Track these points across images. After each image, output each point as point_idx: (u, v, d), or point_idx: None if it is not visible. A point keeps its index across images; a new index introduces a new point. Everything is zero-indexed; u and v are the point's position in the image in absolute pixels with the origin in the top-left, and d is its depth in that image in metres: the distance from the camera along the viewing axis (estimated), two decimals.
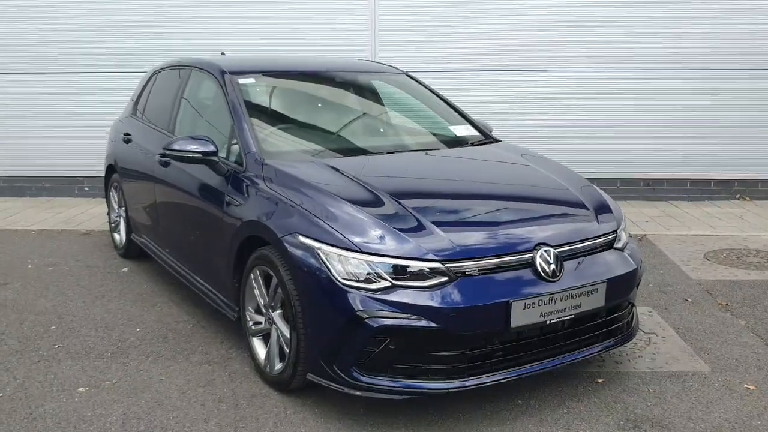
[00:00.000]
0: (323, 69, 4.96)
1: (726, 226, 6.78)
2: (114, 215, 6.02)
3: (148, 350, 4.03)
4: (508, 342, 3.16)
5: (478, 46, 7.78)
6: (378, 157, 4.09)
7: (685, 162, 7.90)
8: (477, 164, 4.23)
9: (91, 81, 8.14)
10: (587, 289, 3.25)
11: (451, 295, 3.00)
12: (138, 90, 5.83)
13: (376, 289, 3.03)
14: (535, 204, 3.74)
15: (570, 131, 7.84)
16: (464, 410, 3.33)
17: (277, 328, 3.48)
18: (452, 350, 3.06)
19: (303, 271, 3.19)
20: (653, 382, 3.61)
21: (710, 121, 7.83)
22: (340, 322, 3.07)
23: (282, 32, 7.88)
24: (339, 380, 3.13)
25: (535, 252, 3.21)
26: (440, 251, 3.08)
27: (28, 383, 3.63)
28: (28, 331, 4.32)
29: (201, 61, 4.80)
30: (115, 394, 3.52)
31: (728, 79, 7.75)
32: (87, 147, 8.16)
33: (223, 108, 4.25)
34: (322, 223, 3.22)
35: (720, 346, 4.04)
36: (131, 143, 5.39)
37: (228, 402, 3.43)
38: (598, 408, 3.36)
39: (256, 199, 3.62)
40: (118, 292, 5.02)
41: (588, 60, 7.76)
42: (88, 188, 8.36)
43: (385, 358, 3.05)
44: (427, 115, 4.81)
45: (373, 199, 3.39)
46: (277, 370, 3.47)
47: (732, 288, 5.03)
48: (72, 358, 3.93)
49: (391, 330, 3.00)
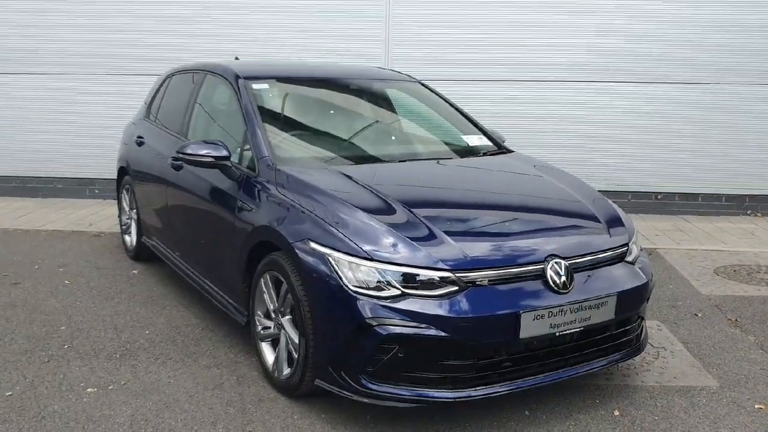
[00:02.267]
0: (337, 75, 4.98)
1: (737, 242, 6.76)
2: (125, 217, 6.05)
3: (157, 352, 4.04)
4: (516, 353, 3.15)
5: (490, 56, 7.81)
6: (390, 166, 4.09)
7: (696, 177, 7.89)
8: (489, 174, 4.24)
9: (105, 83, 8.22)
10: (597, 302, 3.24)
11: (460, 304, 3.00)
12: (152, 93, 5.87)
13: (386, 297, 3.03)
14: (547, 215, 3.74)
15: (581, 142, 7.87)
16: (471, 419, 3.33)
17: (286, 334, 3.49)
18: (461, 359, 3.06)
19: (313, 278, 3.20)
20: (661, 397, 3.59)
21: (723, 136, 7.82)
22: (349, 329, 3.07)
23: (296, 44, 7.94)
24: (347, 387, 3.13)
25: (545, 263, 3.21)
26: (451, 260, 3.09)
27: (38, 382, 3.65)
28: (37, 330, 4.35)
29: (215, 66, 4.82)
30: (123, 395, 3.53)
31: (743, 94, 7.74)
32: (99, 148, 8.25)
33: (237, 113, 4.27)
34: (333, 230, 3.23)
35: (729, 362, 4.03)
36: (144, 146, 5.43)
37: (236, 406, 3.44)
38: (605, 421, 3.35)
39: (268, 204, 3.64)
40: (127, 294, 5.05)
41: (601, 72, 7.77)
42: (99, 190, 8.42)
43: (394, 366, 3.06)
44: (440, 124, 4.82)
45: (385, 207, 3.40)
46: (286, 375, 3.48)
47: (742, 304, 5.01)
48: (81, 358, 3.95)
49: (400, 338, 3.00)
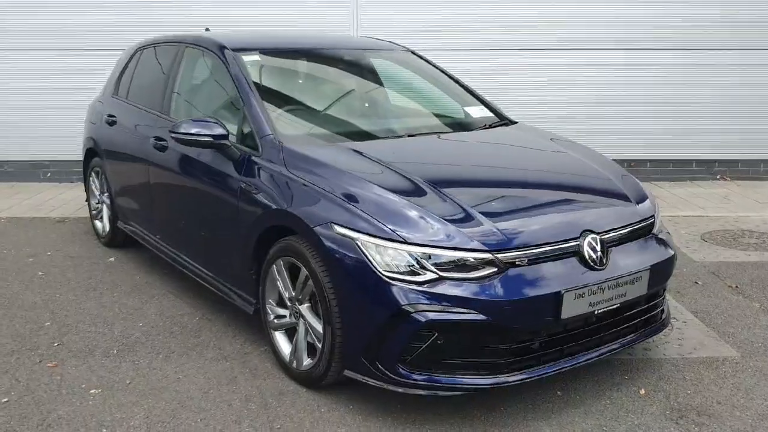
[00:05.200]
0: (325, 46, 4.72)
1: (715, 207, 6.81)
2: (95, 202, 5.68)
3: (157, 346, 3.79)
4: (556, 334, 3.04)
5: (467, 25, 7.63)
6: (400, 141, 3.87)
7: (667, 143, 7.92)
8: (508, 149, 4.06)
9: (55, 60, 7.69)
10: (632, 277, 3.15)
11: (502, 286, 2.86)
12: (119, 69, 5.48)
13: (422, 282, 2.86)
14: (575, 190, 3.62)
15: (549, 111, 7.69)
16: (505, 403, 3.21)
17: (305, 322, 3.29)
18: (500, 344, 2.92)
19: (339, 264, 3.00)
20: (687, 369, 3.55)
21: (690, 101, 7.85)
22: (383, 317, 2.90)
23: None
24: (382, 377, 2.96)
25: (581, 239, 3.09)
26: (488, 240, 2.93)
27: (34, 386, 3.37)
28: (20, 328, 4.03)
29: (197, 38, 4.50)
30: (131, 395, 3.28)
31: (707, 58, 7.76)
32: (53, 130, 7.76)
33: (228, 88, 4.00)
34: (359, 211, 3.03)
35: (742, 331, 4.01)
36: (117, 125, 5.07)
37: (256, 401, 3.23)
38: (639, 398, 3.28)
39: (278, 186, 3.40)
40: (109, 283, 4.74)
41: (567, 40, 7.67)
42: (53, 173, 7.94)
43: (432, 354, 2.90)
44: (439, 96, 4.62)
45: (411, 185, 3.21)
46: (306, 366, 3.29)
47: (737, 270, 5.03)
48: (76, 357, 3.67)
49: (439, 324, 2.84)
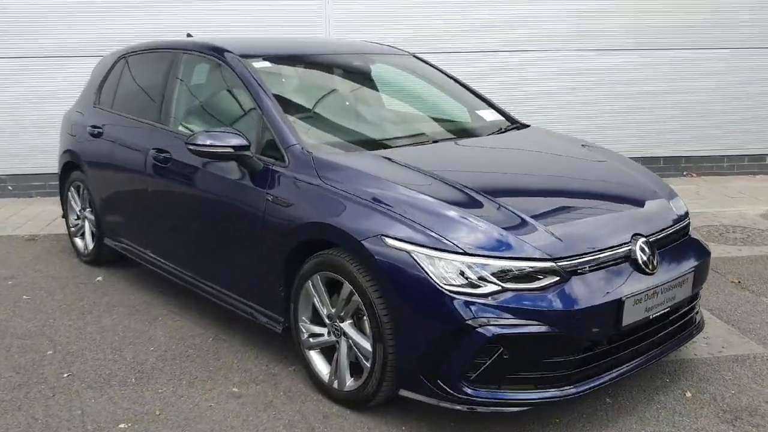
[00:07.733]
0: (330, 52, 4.57)
1: (690, 204, 6.86)
2: (74, 218, 5.35)
3: (177, 372, 3.57)
4: (614, 341, 2.99)
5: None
6: (428, 147, 3.76)
7: (635, 139, 8.02)
8: (540, 155, 3.97)
9: (6, 71, 7.24)
10: (680, 280, 3.14)
11: (567, 295, 2.79)
12: (99, 77, 5.16)
13: (485, 294, 2.76)
14: (617, 195, 3.56)
15: (523, 108, 7.68)
16: (559, 414, 3.14)
17: (348, 340, 3.14)
18: (563, 355, 2.85)
19: (393, 278, 2.87)
20: (723, 368, 3.55)
21: (656, 98, 7.96)
22: (444, 333, 2.78)
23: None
24: (444, 395, 2.85)
25: (632, 243, 3.05)
26: (548, 249, 2.85)
27: (55, 424, 3.11)
28: (20, 358, 3.74)
29: (197, 44, 4.28)
30: (164, 427, 3.07)
31: (668, 60, 7.90)
32: (9, 143, 7.32)
33: (240, 97, 3.83)
34: (412, 222, 2.91)
35: (761, 326, 4.06)
36: (103, 137, 4.78)
37: (300, 426, 3.07)
38: (687, 400, 3.26)
39: (314, 197, 3.24)
40: (104, 304, 4.46)
41: (540, 40, 7.70)
42: (11, 187, 7.49)
43: (497, 369, 2.80)
44: (449, 100, 4.50)
45: (461, 194, 3.09)
46: (351, 386, 3.14)
47: (734, 265, 5.11)
48: (91, 388, 3.42)
49: (505, 338, 2.75)
